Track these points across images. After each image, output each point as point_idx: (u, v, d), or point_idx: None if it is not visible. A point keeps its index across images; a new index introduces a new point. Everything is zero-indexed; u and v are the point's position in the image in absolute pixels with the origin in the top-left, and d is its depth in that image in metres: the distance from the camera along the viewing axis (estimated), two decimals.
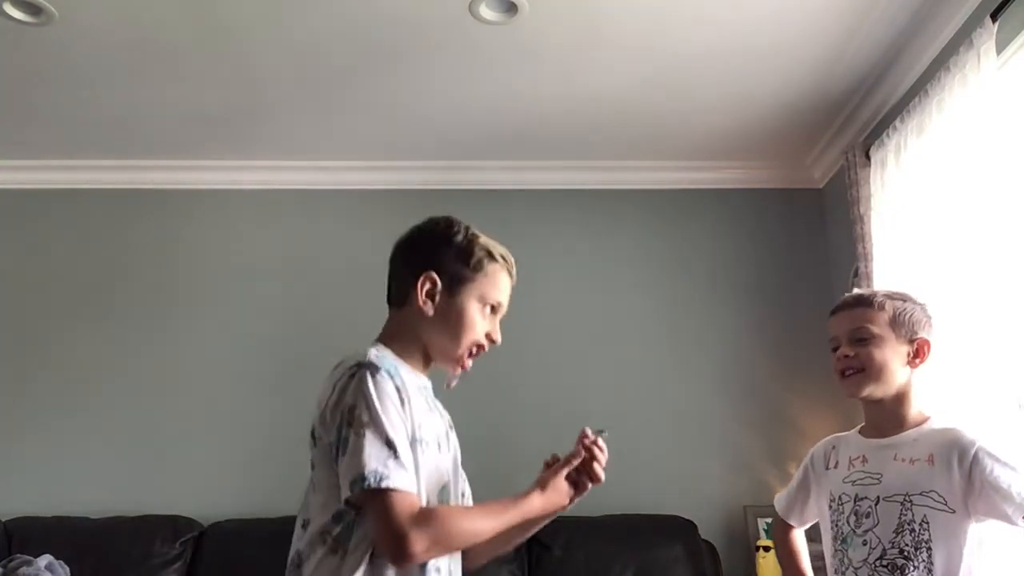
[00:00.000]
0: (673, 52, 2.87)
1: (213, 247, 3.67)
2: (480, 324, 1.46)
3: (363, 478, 1.22)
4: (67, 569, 2.79)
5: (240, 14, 2.65)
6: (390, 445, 1.25)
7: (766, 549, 3.14)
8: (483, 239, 1.49)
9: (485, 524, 1.33)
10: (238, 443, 3.42)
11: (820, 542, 1.80)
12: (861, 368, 1.65)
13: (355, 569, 1.25)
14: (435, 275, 1.43)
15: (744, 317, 3.61)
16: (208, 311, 3.59)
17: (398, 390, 1.32)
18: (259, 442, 3.41)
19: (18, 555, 2.79)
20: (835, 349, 1.72)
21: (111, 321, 3.56)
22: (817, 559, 1.85)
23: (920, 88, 2.70)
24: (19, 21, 2.63)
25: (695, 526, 3.21)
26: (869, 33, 2.78)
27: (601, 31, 2.75)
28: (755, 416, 3.48)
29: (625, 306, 3.64)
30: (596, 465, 1.44)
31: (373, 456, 1.24)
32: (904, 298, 1.72)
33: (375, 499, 1.23)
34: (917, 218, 2.69)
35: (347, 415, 1.28)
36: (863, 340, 1.66)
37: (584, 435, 1.46)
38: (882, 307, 1.68)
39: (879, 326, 1.66)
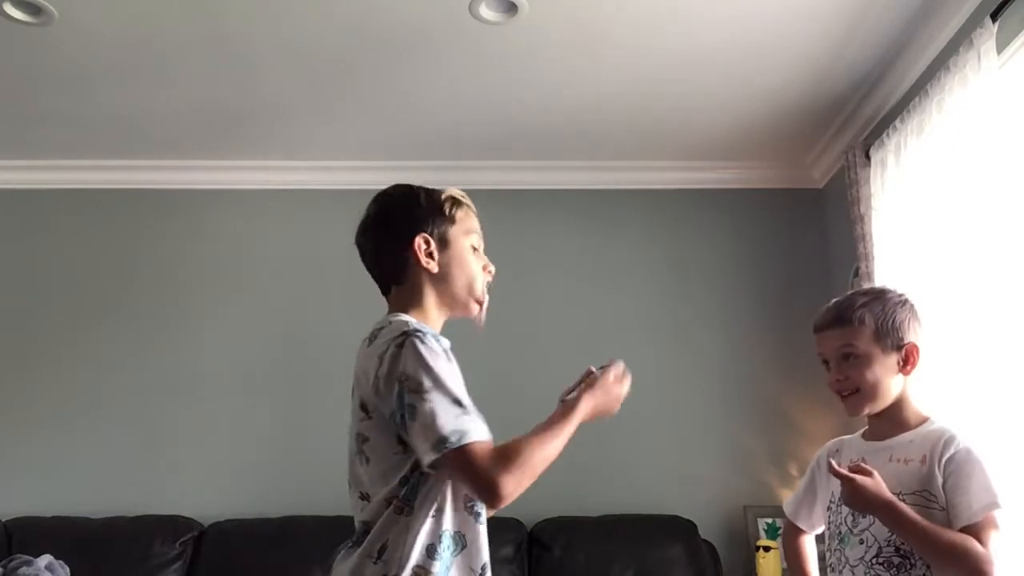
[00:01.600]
0: (673, 52, 2.87)
1: (212, 248, 3.67)
2: (476, 261, 1.55)
3: (445, 440, 1.26)
4: (67, 569, 2.79)
5: (240, 15, 2.66)
6: (458, 403, 1.30)
7: (766, 549, 3.14)
8: (441, 189, 1.58)
9: (553, 445, 1.37)
10: (238, 443, 3.43)
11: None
12: (856, 389, 1.66)
13: (423, 523, 1.32)
14: (426, 235, 1.50)
15: (744, 317, 3.61)
16: (208, 311, 3.59)
17: (445, 351, 1.38)
18: (259, 442, 3.42)
19: (18, 555, 2.79)
20: (825, 362, 1.72)
21: (111, 322, 3.56)
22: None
23: (920, 88, 2.70)
24: (19, 21, 2.63)
25: (695, 526, 3.21)
26: (869, 33, 2.78)
27: (601, 31, 2.75)
28: (755, 416, 3.49)
29: (625, 306, 3.64)
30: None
31: (449, 417, 1.28)
32: (883, 300, 1.69)
33: (459, 456, 1.27)
34: (917, 218, 2.69)
35: (405, 383, 1.31)
36: (850, 359, 1.66)
37: (590, 372, 1.52)
38: (862, 322, 1.65)
39: (864, 344, 1.64)
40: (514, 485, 1.29)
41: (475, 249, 1.56)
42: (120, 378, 3.49)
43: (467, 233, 1.55)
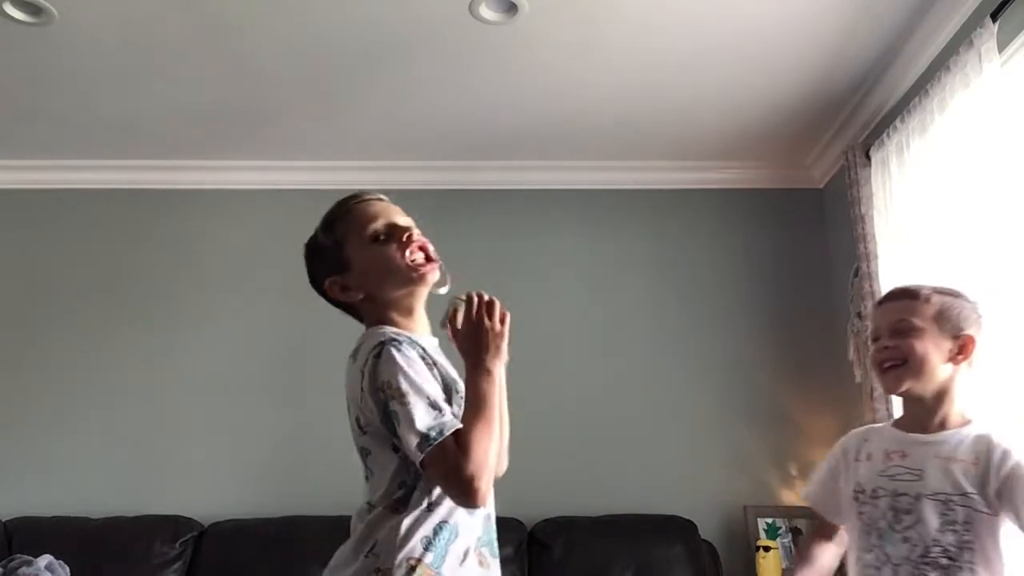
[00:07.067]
0: (673, 52, 2.87)
1: (213, 248, 3.67)
2: (386, 248, 1.47)
3: (426, 438, 1.28)
4: (67, 569, 2.79)
5: (240, 14, 2.66)
6: (434, 406, 1.32)
7: (766, 549, 3.14)
8: (330, 214, 1.57)
9: (497, 427, 1.37)
10: (238, 443, 3.42)
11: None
12: (902, 360, 1.59)
13: (417, 518, 1.34)
14: (331, 278, 1.51)
15: (744, 317, 3.61)
16: (208, 311, 3.59)
17: (422, 357, 1.39)
18: (259, 442, 3.42)
19: (18, 555, 2.79)
20: (876, 340, 1.66)
21: (111, 321, 3.56)
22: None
23: (920, 88, 2.71)
24: (19, 21, 2.64)
25: (695, 526, 3.21)
26: (869, 32, 2.78)
27: (601, 31, 2.75)
28: (755, 416, 3.48)
29: (625, 306, 3.64)
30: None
31: (428, 419, 1.30)
32: (955, 294, 1.65)
33: (440, 452, 1.29)
34: (918, 218, 2.69)
35: (387, 391, 1.33)
36: (904, 332, 1.60)
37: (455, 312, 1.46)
38: (928, 300, 1.62)
39: (923, 319, 1.60)
40: (486, 483, 1.31)
41: (381, 236, 1.48)
42: (120, 378, 3.49)
43: (360, 231, 1.48)
